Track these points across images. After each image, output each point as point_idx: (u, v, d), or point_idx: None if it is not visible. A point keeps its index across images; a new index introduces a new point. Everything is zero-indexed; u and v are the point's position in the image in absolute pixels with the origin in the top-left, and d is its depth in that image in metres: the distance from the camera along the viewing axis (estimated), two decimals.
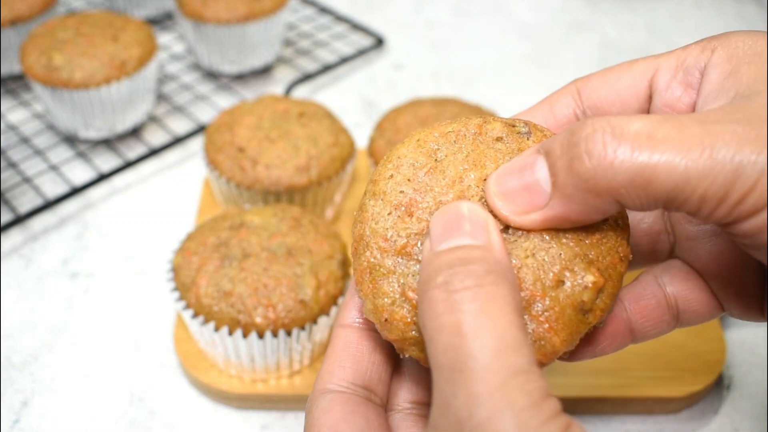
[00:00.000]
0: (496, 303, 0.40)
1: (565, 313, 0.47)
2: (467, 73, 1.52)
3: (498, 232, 0.46)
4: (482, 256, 0.43)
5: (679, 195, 0.39)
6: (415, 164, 0.54)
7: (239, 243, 0.88)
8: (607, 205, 0.43)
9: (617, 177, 0.40)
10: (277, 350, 0.85)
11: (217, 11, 1.32)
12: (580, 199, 0.43)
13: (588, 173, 0.41)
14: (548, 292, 0.48)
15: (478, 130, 0.55)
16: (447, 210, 0.47)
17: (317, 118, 1.11)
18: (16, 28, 1.33)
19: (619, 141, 0.40)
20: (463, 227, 0.45)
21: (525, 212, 0.47)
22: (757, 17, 1.72)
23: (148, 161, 1.26)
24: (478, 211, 0.46)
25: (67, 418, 0.88)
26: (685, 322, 0.57)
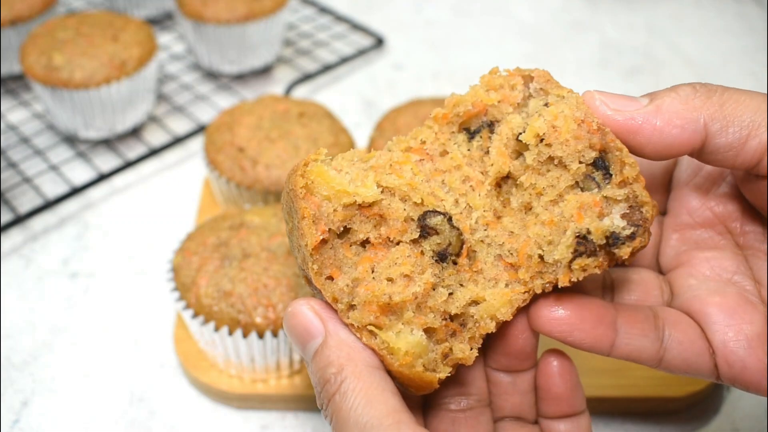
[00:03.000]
0: (346, 399, 0.51)
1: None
2: (467, 73, 1.52)
3: (332, 314, 0.55)
4: (329, 357, 0.53)
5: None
6: (290, 215, 0.58)
7: (239, 243, 0.88)
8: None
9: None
10: (277, 350, 0.85)
11: (217, 11, 1.32)
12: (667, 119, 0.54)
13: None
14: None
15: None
16: (290, 321, 0.56)
17: (317, 118, 1.11)
18: (16, 28, 1.33)
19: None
20: (308, 331, 0.55)
21: (618, 109, 0.55)
22: (757, 17, 1.72)
23: (148, 161, 1.25)
24: (310, 306, 0.56)
25: (67, 418, 0.88)
26: (668, 362, 0.59)
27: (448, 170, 0.61)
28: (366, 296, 0.54)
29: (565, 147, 0.56)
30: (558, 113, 0.56)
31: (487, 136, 0.61)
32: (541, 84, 0.59)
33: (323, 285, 0.55)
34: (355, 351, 0.53)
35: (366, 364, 0.53)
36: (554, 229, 0.57)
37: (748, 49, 1.61)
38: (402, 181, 0.57)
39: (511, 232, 0.59)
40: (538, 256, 0.57)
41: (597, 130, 0.55)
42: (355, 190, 0.55)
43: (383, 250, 0.56)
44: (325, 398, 0.53)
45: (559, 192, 0.57)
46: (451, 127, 0.62)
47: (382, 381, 0.52)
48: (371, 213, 0.56)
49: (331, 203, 0.55)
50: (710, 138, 0.54)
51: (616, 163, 0.56)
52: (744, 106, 0.54)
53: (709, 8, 1.76)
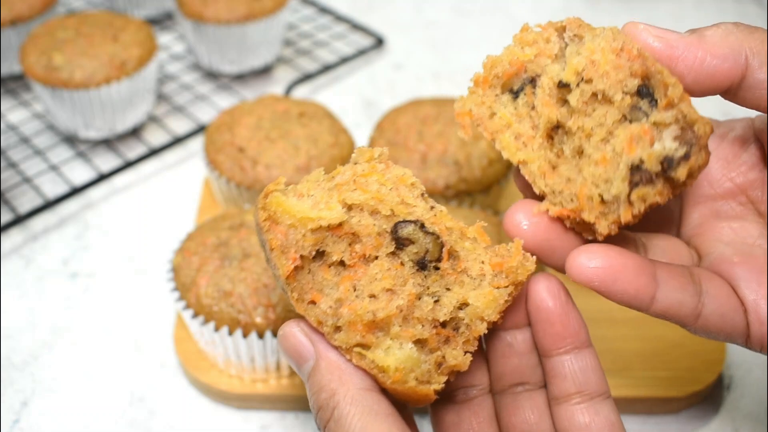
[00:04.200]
0: (342, 425, 0.51)
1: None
2: (467, 73, 1.51)
3: (324, 345, 0.55)
4: (321, 381, 0.54)
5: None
6: (263, 243, 0.58)
7: (239, 243, 0.88)
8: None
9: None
10: (277, 350, 0.85)
11: (217, 11, 1.32)
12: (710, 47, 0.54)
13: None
14: None
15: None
16: (283, 343, 0.57)
17: (317, 118, 1.11)
18: (16, 28, 1.33)
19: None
20: (301, 353, 0.56)
21: (660, 36, 0.55)
22: (757, 17, 1.72)
23: (148, 161, 1.25)
24: (301, 329, 0.56)
25: (67, 418, 0.88)
26: (705, 318, 0.58)
27: (499, 131, 0.61)
28: (350, 316, 0.54)
29: (606, 79, 0.55)
30: (595, 47, 0.56)
31: (531, 92, 0.60)
32: (575, 30, 0.58)
33: (306, 310, 0.55)
34: (347, 373, 0.53)
35: (358, 387, 0.53)
36: (609, 167, 0.55)
37: None
38: (367, 196, 0.56)
39: (568, 179, 0.58)
40: (598, 196, 0.56)
41: (637, 56, 0.54)
42: (318, 214, 0.54)
43: (362, 267, 0.56)
44: (321, 424, 0.53)
45: (608, 129, 0.56)
46: (494, 90, 0.62)
47: (375, 404, 0.52)
48: (342, 232, 0.55)
49: (297, 230, 0.54)
50: (750, 71, 0.54)
51: (659, 86, 0.54)
52: None
53: (709, 8, 1.76)
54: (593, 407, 0.58)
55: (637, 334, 0.93)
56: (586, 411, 0.58)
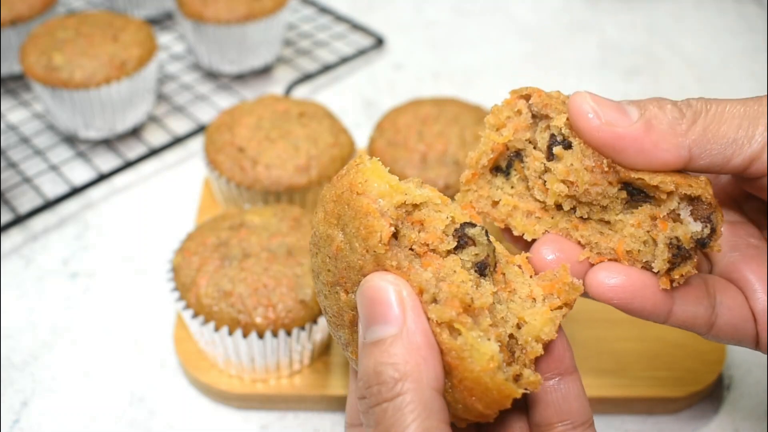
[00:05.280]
0: (401, 417, 0.47)
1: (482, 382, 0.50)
2: (467, 73, 1.52)
3: (416, 308, 0.50)
4: (395, 357, 0.49)
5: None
6: (331, 237, 0.55)
7: (239, 243, 0.88)
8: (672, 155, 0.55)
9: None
10: (277, 350, 0.85)
11: (217, 11, 1.32)
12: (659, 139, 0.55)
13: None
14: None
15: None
16: (368, 291, 0.52)
17: (317, 118, 1.11)
18: (16, 28, 1.33)
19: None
20: (384, 314, 0.50)
21: (608, 124, 0.55)
22: (757, 17, 1.72)
23: (148, 161, 1.25)
24: (397, 290, 0.51)
25: (67, 418, 0.88)
26: (718, 328, 0.60)
27: (510, 215, 0.63)
28: (451, 291, 0.51)
29: (588, 194, 0.58)
30: (568, 168, 0.57)
31: (521, 166, 0.62)
32: (538, 104, 0.60)
33: (410, 274, 0.52)
34: (426, 363, 0.49)
35: (430, 384, 0.48)
36: (643, 232, 0.58)
37: (748, 49, 1.61)
38: (435, 194, 0.57)
39: (601, 233, 0.60)
40: (637, 251, 0.58)
41: (609, 170, 0.56)
42: (407, 188, 0.54)
43: (435, 257, 0.54)
44: (374, 399, 0.49)
45: (618, 211, 0.59)
46: (485, 177, 0.63)
47: (441, 411, 0.48)
48: (414, 220, 0.55)
49: (385, 201, 0.53)
50: (694, 160, 0.56)
51: (646, 187, 0.57)
52: (727, 125, 0.56)
53: (709, 8, 1.76)
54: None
55: (637, 335, 0.93)
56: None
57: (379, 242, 0.52)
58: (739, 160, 0.56)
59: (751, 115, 0.56)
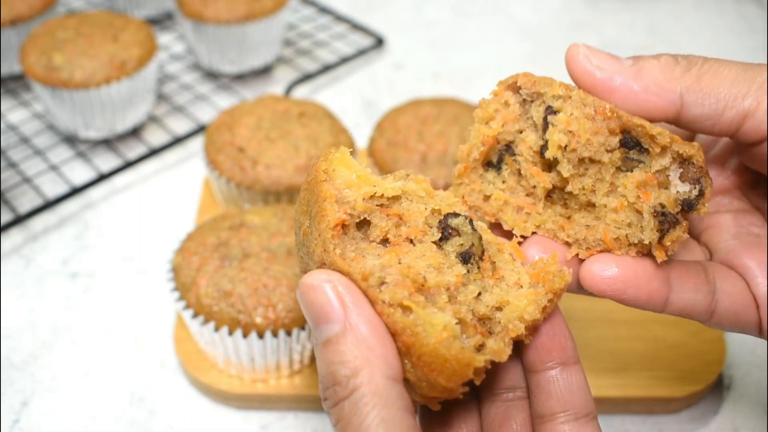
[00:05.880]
0: (357, 412, 0.47)
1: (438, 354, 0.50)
2: (467, 73, 1.52)
3: (357, 299, 0.50)
4: (344, 355, 0.48)
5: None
6: (300, 222, 0.56)
7: (239, 243, 0.88)
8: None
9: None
10: (277, 350, 0.85)
11: (217, 11, 1.32)
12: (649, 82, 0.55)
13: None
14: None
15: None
16: (305, 292, 0.51)
17: (317, 118, 1.11)
18: (16, 28, 1.33)
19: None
20: (325, 313, 0.50)
21: (600, 66, 0.56)
22: (757, 17, 1.72)
23: (148, 161, 1.25)
24: (332, 286, 0.50)
25: (67, 418, 0.88)
26: (719, 315, 0.59)
27: (501, 210, 0.63)
28: (401, 272, 0.51)
29: (589, 146, 0.57)
30: (569, 118, 0.57)
31: (511, 160, 0.62)
32: (530, 88, 0.60)
33: (350, 264, 0.51)
34: (375, 354, 0.48)
35: (384, 374, 0.48)
36: (627, 212, 0.58)
37: (748, 49, 1.61)
38: (420, 186, 0.56)
39: (587, 226, 0.60)
40: (624, 237, 0.58)
41: (611, 115, 0.56)
42: (376, 181, 0.54)
43: (407, 246, 0.54)
44: (332, 400, 0.49)
45: (609, 182, 0.58)
46: (477, 171, 0.64)
47: (398, 398, 0.48)
48: (390, 212, 0.55)
49: (352, 190, 0.53)
50: (686, 108, 0.56)
51: (644, 137, 0.56)
52: (722, 78, 0.56)
53: (709, 8, 1.76)
54: (578, 429, 0.57)
55: (637, 335, 0.93)
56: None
57: (327, 227, 0.52)
58: (732, 114, 0.55)
59: (749, 73, 0.56)
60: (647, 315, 0.95)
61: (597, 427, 0.58)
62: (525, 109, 0.61)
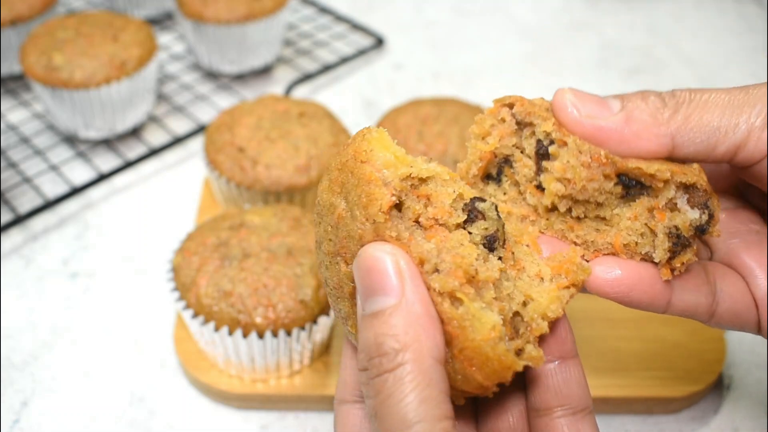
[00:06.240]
0: (401, 386, 0.47)
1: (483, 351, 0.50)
2: (467, 73, 1.52)
3: (415, 277, 0.49)
4: (395, 328, 0.48)
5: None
6: (334, 205, 0.55)
7: (239, 243, 0.88)
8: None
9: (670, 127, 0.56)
10: (277, 350, 0.85)
11: (217, 11, 1.32)
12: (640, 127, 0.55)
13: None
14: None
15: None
16: (364, 261, 0.50)
17: (317, 118, 1.11)
18: (16, 28, 1.33)
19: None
20: (382, 284, 0.49)
21: (590, 117, 0.56)
22: (757, 17, 1.72)
23: (148, 161, 1.25)
24: (394, 259, 0.50)
25: (67, 418, 0.88)
26: (719, 316, 0.60)
27: (505, 221, 0.62)
28: (455, 262, 0.51)
29: (585, 192, 0.57)
30: (565, 166, 0.57)
31: (511, 172, 0.62)
32: (521, 113, 0.60)
33: (409, 246, 0.51)
34: (426, 333, 0.48)
35: (432, 354, 0.48)
36: (641, 224, 0.58)
37: (748, 49, 1.61)
38: (445, 170, 0.56)
39: (597, 230, 0.60)
40: (634, 244, 0.58)
41: (606, 162, 0.56)
42: (412, 160, 0.54)
43: (441, 231, 0.54)
44: (375, 371, 0.48)
45: (612, 210, 0.59)
46: (477, 186, 0.63)
47: (441, 381, 0.48)
48: (420, 193, 0.54)
49: (389, 172, 0.52)
50: (678, 149, 0.56)
51: (643, 177, 0.57)
52: (710, 114, 0.56)
53: (710, 8, 1.76)
54: (575, 424, 0.57)
55: (637, 335, 0.93)
56: (567, 427, 0.57)
57: (380, 211, 0.51)
58: (724, 149, 0.56)
59: (735, 103, 0.56)
60: (647, 315, 0.95)
61: (593, 422, 0.58)
62: (521, 127, 0.61)
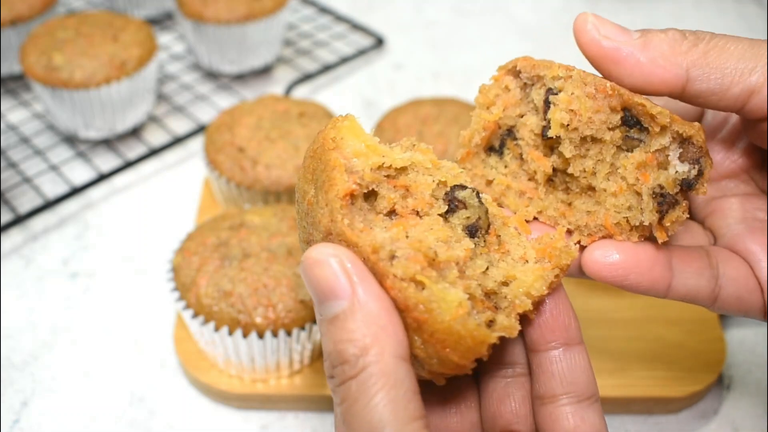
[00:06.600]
0: (365, 391, 0.46)
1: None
2: (467, 73, 1.52)
3: (364, 275, 0.48)
4: (352, 333, 0.47)
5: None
6: (306, 192, 0.55)
7: (239, 243, 0.88)
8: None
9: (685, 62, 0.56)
10: (277, 350, 0.85)
11: (217, 11, 1.32)
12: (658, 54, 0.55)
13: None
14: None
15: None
16: (309, 267, 0.49)
17: (317, 118, 1.11)
18: (16, 28, 1.33)
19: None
20: (332, 288, 0.48)
21: (607, 36, 0.57)
22: (757, 17, 1.72)
23: (148, 161, 1.25)
24: (338, 260, 0.48)
25: (67, 418, 0.88)
26: (722, 300, 0.59)
27: (503, 194, 0.63)
28: (412, 246, 0.50)
29: (591, 124, 0.57)
30: (570, 97, 0.57)
31: (513, 144, 0.62)
32: (530, 71, 0.60)
33: (359, 236, 0.50)
34: (385, 332, 0.47)
35: (393, 352, 0.46)
36: (627, 195, 0.57)
37: None
38: (427, 157, 0.56)
39: (588, 212, 0.60)
40: (625, 220, 0.58)
41: (612, 93, 0.56)
42: (385, 150, 0.53)
43: (414, 218, 0.53)
44: (339, 379, 0.47)
45: (609, 163, 0.58)
46: (479, 156, 0.63)
47: (407, 379, 0.46)
48: (397, 184, 0.54)
49: (360, 161, 0.52)
50: (692, 82, 0.56)
51: (644, 116, 0.56)
52: (728, 53, 0.55)
53: (709, 8, 1.76)
54: (580, 412, 0.56)
55: (637, 335, 0.93)
56: (572, 415, 0.55)
57: (336, 196, 0.50)
58: (738, 90, 0.55)
59: (755, 48, 0.55)
60: (647, 315, 0.95)
61: (599, 410, 0.57)
62: (525, 93, 0.61)
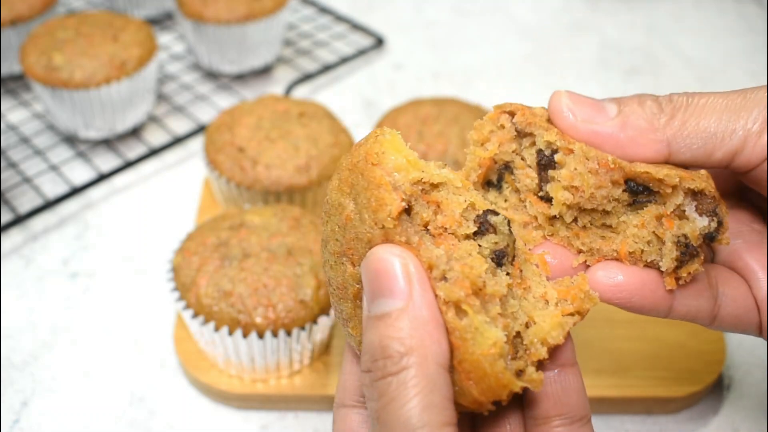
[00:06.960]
0: (404, 390, 0.46)
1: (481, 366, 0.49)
2: (467, 73, 1.52)
3: (423, 282, 0.49)
4: (401, 331, 0.47)
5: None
6: (342, 206, 0.54)
7: (239, 243, 0.88)
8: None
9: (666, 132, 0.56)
10: (277, 350, 0.85)
11: (217, 11, 1.32)
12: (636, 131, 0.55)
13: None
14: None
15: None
16: (373, 263, 0.50)
17: (317, 118, 1.11)
18: (16, 28, 1.33)
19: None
20: (390, 287, 0.49)
21: (586, 121, 0.56)
22: (757, 17, 1.72)
23: (148, 161, 1.25)
24: (403, 262, 0.49)
25: (67, 418, 0.88)
26: (721, 319, 0.60)
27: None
28: (463, 271, 0.50)
29: (593, 199, 0.56)
30: (572, 174, 0.56)
31: (511, 178, 0.62)
32: (522, 122, 0.59)
33: (420, 249, 0.50)
34: (431, 338, 0.48)
35: (436, 360, 0.47)
36: (649, 232, 0.57)
37: (748, 49, 1.61)
38: (457, 175, 0.55)
39: (602, 237, 0.59)
40: (640, 252, 0.57)
41: (614, 167, 0.55)
42: (424, 165, 0.53)
43: (450, 239, 0.53)
44: (378, 373, 0.48)
45: (618, 218, 0.58)
46: (478, 192, 0.63)
47: (444, 386, 0.47)
48: (430, 199, 0.53)
49: (400, 176, 0.52)
50: (674, 155, 0.56)
51: (651, 182, 0.56)
52: (707, 119, 0.55)
53: (709, 8, 1.76)
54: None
55: (637, 335, 0.93)
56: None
57: (389, 216, 0.50)
58: (720, 154, 0.55)
59: (732, 108, 0.55)
60: None
61: (591, 431, 0.57)
62: (520, 134, 0.60)
